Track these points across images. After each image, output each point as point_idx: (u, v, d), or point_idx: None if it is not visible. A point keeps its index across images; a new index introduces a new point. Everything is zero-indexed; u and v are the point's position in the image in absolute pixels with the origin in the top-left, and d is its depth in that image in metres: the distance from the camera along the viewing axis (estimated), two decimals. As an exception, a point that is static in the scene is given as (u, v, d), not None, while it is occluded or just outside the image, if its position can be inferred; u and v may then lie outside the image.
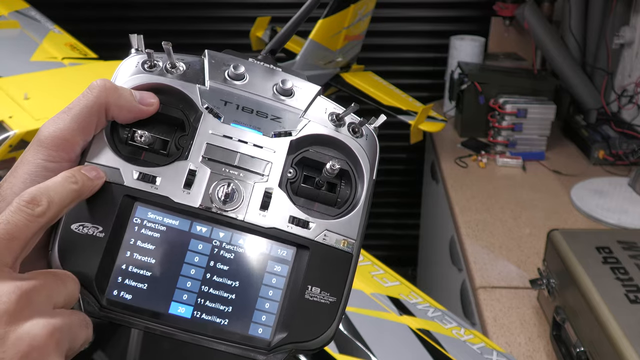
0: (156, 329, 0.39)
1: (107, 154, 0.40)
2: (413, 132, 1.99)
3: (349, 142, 0.45)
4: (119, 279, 0.39)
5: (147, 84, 0.43)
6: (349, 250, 0.42)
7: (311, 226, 0.42)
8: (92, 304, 0.38)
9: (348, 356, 0.90)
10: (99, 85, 0.40)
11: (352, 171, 0.45)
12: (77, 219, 0.39)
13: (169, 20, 2.69)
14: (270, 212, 0.41)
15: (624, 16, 2.16)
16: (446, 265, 1.93)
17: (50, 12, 1.91)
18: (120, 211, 0.39)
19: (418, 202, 2.80)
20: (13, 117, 1.25)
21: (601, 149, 2.03)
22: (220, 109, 0.43)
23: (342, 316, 0.42)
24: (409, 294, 1.08)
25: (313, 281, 0.41)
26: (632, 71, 2.15)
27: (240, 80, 0.44)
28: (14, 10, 1.83)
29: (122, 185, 0.40)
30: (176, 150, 0.42)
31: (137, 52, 0.44)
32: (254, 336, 0.40)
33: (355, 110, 0.45)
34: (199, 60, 0.45)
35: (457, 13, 2.66)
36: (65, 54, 1.65)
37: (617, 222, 1.64)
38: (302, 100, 0.45)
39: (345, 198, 0.45)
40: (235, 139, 0.42)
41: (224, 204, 0.41)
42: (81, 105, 0.40)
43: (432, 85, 2.73)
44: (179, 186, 0.41)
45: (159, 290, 0.40)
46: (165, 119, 0.43)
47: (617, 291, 1.05)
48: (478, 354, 0.97)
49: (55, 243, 0.38)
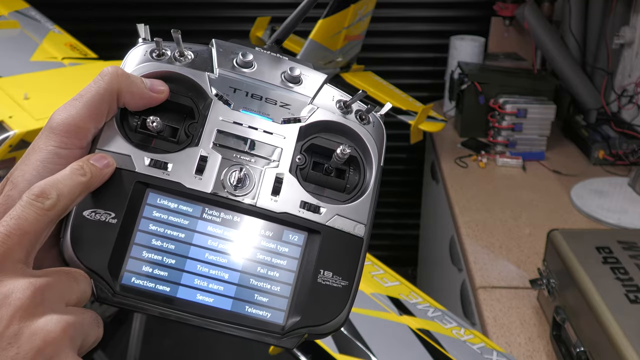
0: (170, 314, 0.39)
1: (118, 141, 0.40)
2: (413, 132, 1.99)
3: (357, 128, 0.46)
4: (131, 265, 0.39)
5: (157, 72, 0.43)
6: (360, 234, 0.43)
7: (322, 211, 0.42)
8: (106, 290, 0.38)
9: (348, 356, 0.90)
10: (111, 72, 0.40)
11: (361, 157, 0.45)
12: (89, 206, 0.39)
13: (169, 21, 2.69)
14: (281, 197, 0.42)
15: (624, 16, 2.16)
16: (446, 265, 1.93)
17: (50, 12, 1.91)
18: (133, 197, 0.39)
19: (418, 202, 2.80)
20: (13, 117, 1.25)
21: (601, 149, 2.03)
22: (229, 96, 0.43)
23: (354, 300, 0.42)
24: (409, 294, 1.08)
25: (325, 265, 0.41)
26: (632, 71, 2.15)
27: (248, 68, 0.45)
28: (14, 10, 1.83)
29: (134, 172, 0.40)
30: (186, 138, 0.42)
31: (145, 41, 0.44)
32: (267, 320, 0.40)
33: (362, 97, 0.46)
34: (207, 49, 0.45)
35: (457, 13, 2.66)
36: (65, 54, 1.65)
37: (617, 222, 1.64)
38: (310, 88, 0.46)
39: (355, 184, 0.45)
40: (245, 126, 0.43)
41: (235, 189, 0.41)
42: (93, 91, 0.39)
43: (432, 85, 2.73)
44: (190, 172, 0.41)
45: (172, 276, 0.40)
46: (174, 107, 0.43)
47: (617, 291, 1.05)
48: (478, 354, 0.97)
49: (67, 230, 0.38)
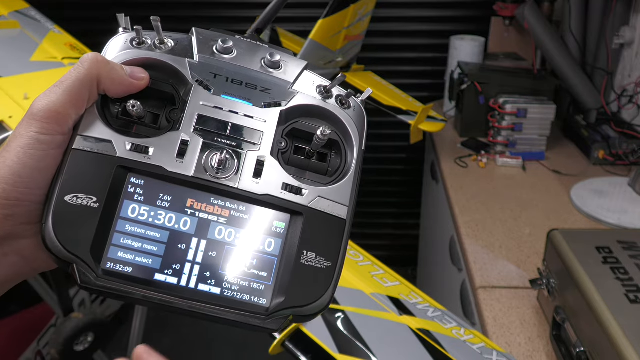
0: (154, 297, 0.39)
1: (99, 126, 0.40)
2: (413, 132, 1.99)
3: (338, 112, 0.46)
4: (114, 249, 0.39)
5: (137, 59, 0.43)
6: (342, 216, 0.43)
7: (304, 193, 0.43)
8: (89, 275, 0.38)
9: (348, 356, 0.90)
10: (91, 59, 0.40)
11: (342, 141, 0.46)
12: (71, 190, 0.39)
13: (168, 21, 2.68)
14: (263, 179, 0.42)
15: (624, 16, 2.16)
16: (446, 265, 1.93)
17: (50, 12, 1.91)
18: (114, 182, 0.39)
19: (418, 202, 2.80)
20: (13, 117, 1.25)
21: (601, 149, 2.03)
22: (210, 81, 0.43)
23: (337, 282, 0.42)
24: (409, 294, 1.08)
25: (308, 246, 0.41)
26: (632, 71, 2.15)
27: (228, 54, 0.45)
28: (14, 10, 1.82)
29: (115, 157, 0.40)
30: (167, 124, 0.43)
31: (125, 30, 0.45)
32: (252, 302, 0.41)
33: (341, 82, 0.46)
34: (187, 37, 0.45)
35: (457, 13, 2.66)
36: (65, 54, 1.65)
37: (617, 222, 1.64)
38: (290, 73, 0.46)
39: (336, 167, 0.45)
40: (226, 110, 0.43)
41: (217, 172, 0.41)
42: (73, 78, 0.40)
43: (432, 85, 2.73)
44: (172, 156, 0.41)
45: (155, 259, 0.40)
46: (155, 93, 0.43)
47: (617, 291, 1.05)
48: (478, 354, 0.97)
49: (49, 215, 0.38)
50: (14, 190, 0.38)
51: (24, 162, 0.38)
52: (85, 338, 1.84)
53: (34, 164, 0.38)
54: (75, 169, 0.39)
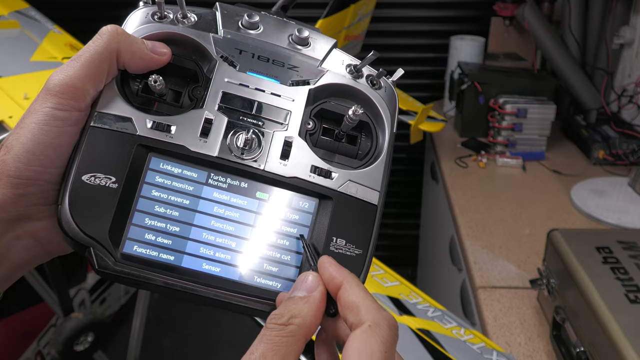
0: (175, 284, 0.37)
1: (119, 103, 0.38)
2: (413, 132, 1.99)
3: (369, 92, 0.43)
4: (133, 232, 0.37)
5: (158, 33, 0.41)
6: (374, 201, 0.41)
7: (334, 176, 0.40)
8: (107, 259, 0.36)
9: (348, 356, 0.90)
10: (110, 31, 0.38)
11: (372, 123, 0.43)
12: (89, 170, 0.36)
13: None
14: (291, 161, 0.40)
15: (624, 16, 2.16)
16: (446, 265, 1.93)
17: (50, 12, 1.91)
18: (134, 162, 0.37)
19: (418, 202, 2.80)
20: (13, 117, 1.25)
21: (601, 149, 2.03)
22: (235, 57, 0.41)
23: (367, 271, 0.40)
24: (409, 294, 1.08)
25: (338, 233, 0.39)
26: (632, 71, 2.15)
27: (254, 30, 0.43)
28: (14, 10, 1.82)
29: (135, 135, 0.38)
30: (190, 102, 0.40)
31: (145, 4, 0.43)
32: (277, 291, 0.38)
33: (373, 60, 0.43)
34: (210, 12, 0.43)
35: (457, 13, 2.66)
36: (65, 54, 1.65)
37: (617, 222, 1.64)
38: (319, 51, 0.44)
39: (367, 150, 0.43)
40: (252, 87, 0.41)
41: (242, 153, 0.39)
42: (91, 51, 0.37)
43: (432, 85, 2.73)
44: (195, 135, 0.39)
45: (177, 244, 0.37)
46: (177, 70, 0.41)
47: (617, 291, 1.05)
48: (478, 354, 0.97)
49: (65, 195, 0.36)
50: (27, 168, 0.36)
51: (38, 139, 0.36)
52: (85, 338, 1.84)
53: (49, 141, 0.36)
54: (94, 148, 0.37)
